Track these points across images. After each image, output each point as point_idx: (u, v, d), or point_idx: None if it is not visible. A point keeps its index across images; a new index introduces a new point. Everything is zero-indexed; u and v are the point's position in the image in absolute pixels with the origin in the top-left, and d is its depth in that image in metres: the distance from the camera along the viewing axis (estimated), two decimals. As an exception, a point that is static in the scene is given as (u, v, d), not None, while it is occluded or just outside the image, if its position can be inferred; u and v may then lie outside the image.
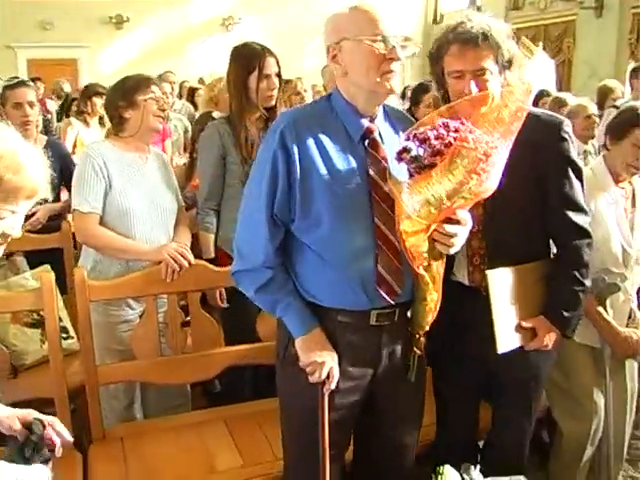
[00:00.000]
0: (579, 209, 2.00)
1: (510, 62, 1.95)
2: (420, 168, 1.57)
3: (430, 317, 1.77)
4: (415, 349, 1.81)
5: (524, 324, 1.97)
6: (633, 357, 2.44)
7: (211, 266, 2.38)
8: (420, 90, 4.27)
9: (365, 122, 1.74)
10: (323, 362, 1.68)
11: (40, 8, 11.96)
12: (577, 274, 1.98)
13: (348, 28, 1.69)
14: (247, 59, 2.73)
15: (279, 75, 2.77)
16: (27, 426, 1.46)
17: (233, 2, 13.41)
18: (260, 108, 2.73)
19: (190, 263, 2.34)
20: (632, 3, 9.93)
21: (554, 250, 2.09)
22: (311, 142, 1.70)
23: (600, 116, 5.03)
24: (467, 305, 1.99)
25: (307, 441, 1.75)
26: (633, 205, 2.47)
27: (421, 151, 1.56)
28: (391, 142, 1.77)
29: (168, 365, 2.35)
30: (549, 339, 1.97)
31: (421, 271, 1.66)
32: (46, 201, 2.47)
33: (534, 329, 1.98)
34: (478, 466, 1.67)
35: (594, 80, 10.31)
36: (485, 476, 1.65)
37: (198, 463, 2.16)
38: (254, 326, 2.45)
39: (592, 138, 4.57)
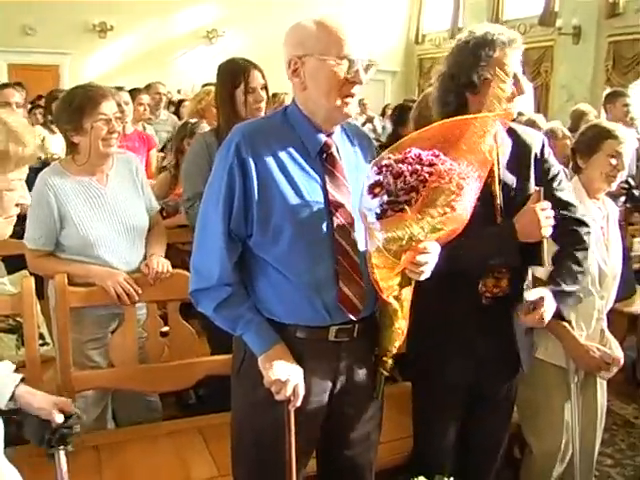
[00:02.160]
0: (574, 207, 2.10)
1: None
2: (394, 204, 1.56)
3: (397, 342, 1.76)
4: (381, 370, 1.79)
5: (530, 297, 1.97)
6: (596, 372, 2.48)
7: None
8: (405, 109, 4.29)
9: (322, 137, 1.72)
10: (287, 380, 1.63)
11: (23, 12, 11.82)
12: (577, 254, 2.06)
13: (313, 45, 1.64)
14: (233, 74, 2.78)
15: (266, 88, 2.81)
16: (65, 415, 1.55)
17: (218, 15, 13.41)
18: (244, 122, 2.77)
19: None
20: (608, 31, 10.15)
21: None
22: (268, 156, 1.67)
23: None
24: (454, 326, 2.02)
25: (258, 460, 1.75)
26: (607, 224, 2.56)
27: (395, 186, 1.55)
28: (347, 158, 1.77)
29: (146, 373, 2.35)
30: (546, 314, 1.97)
31: (390, 300, 1.67)
32: None
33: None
34: (452, 478, 1.69)
35: (571, 104, 10.48)
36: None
37: (173, 473, 2.16)
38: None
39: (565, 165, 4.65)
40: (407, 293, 1.69)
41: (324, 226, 1.68)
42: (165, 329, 2.50)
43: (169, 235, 2.77)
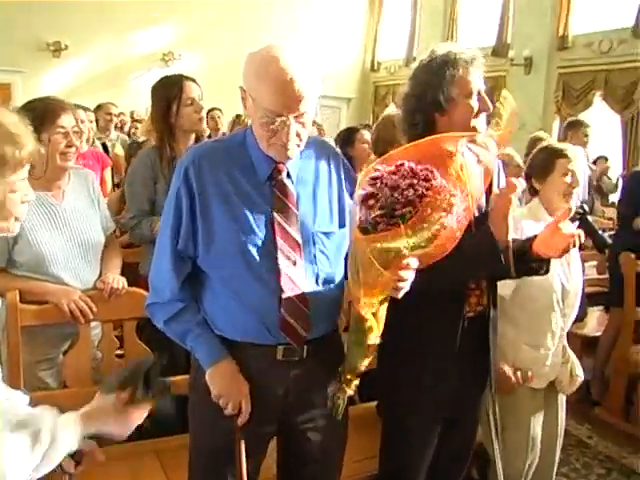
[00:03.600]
0: None
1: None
2: (387, 217, 1.53)
3: (367, 360, 1.72)
4: (345, 389, 1.75)
5: None
6: (507, 393, 2.44)
7: (147, 294, 2.34)
8: (349, 132, 4.41)
9: (273, 163, 1.71)
10: (231, 395, 1.68)
11: (-30, 27, 11.66)
12: None
13: (253, 88, 1.63)
14: (165, 89, 2.81)
15: (202, 100, 2.85)
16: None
17: (174, 38, 13.40)
18: (187, 136, 2.78)
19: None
20: (558, 63, 10.49)
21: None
22: (214, 183, 1.69)
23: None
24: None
25: (212, 471, 1.77)
26: None
27: (390, 199, 1.52)
28: (306, 179, 1.76)
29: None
30: None
31: (368, 316, 1.63)
32: None
33: None
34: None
35: (522, 132, 10.74)
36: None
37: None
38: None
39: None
40: (383, 310, 1.67)
41: (267, 255, 1.68)
42: (120, 352, 2.43)
43: (123, 253, 2.71)
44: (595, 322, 4.41)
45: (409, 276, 1.58)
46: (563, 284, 2.49)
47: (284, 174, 1.72)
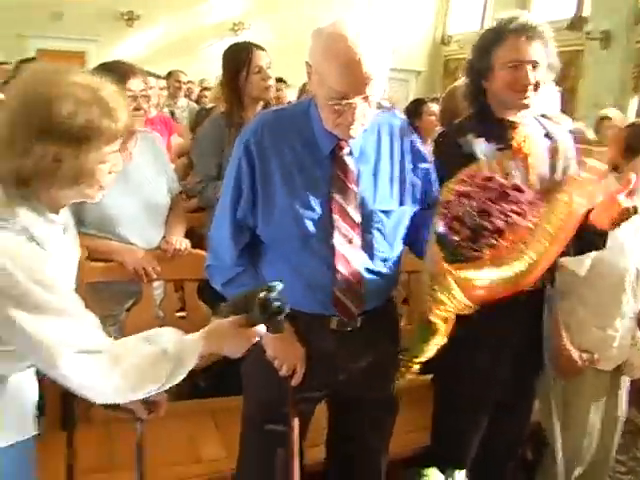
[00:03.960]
0: None
1: (552, 66, 2.01)
2: (470, 241, 1.47)
3: (429, 354, 1.71)
4: (406, 374, 1.74)
5: None
6: (573, 376, 2.39)
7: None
8: (417, 103, 4.42)
9: (336, 138, 1.68)
10: (286, 357, 1.72)
11: (52, -1, 12.01)
12: None
13: (319, 65, 1.59)
14: (235, 56, 2.83)
15: (270, 68, 2.87)
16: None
17: (244, 7, 13.48)
18: (255, 103, 2.80)
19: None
20: (637, 38, 10.04)
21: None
22: (276, 154, 1.69)
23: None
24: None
25: (262, 427, 1.79)
26: None
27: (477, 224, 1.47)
28: (369, 153, 1.73)
29: None
30: None
31: (437, 320, 1.62)
32: None
33: None
34: (464, 470, 1.67)
35: (597, 110, 10.40)
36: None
37: (183, 452, 2.17)
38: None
39: None
40: (453, 317, 1.65)
41: (323, 232, 1.68)
42: (181, 314, 2.49)
43: (187, 219, 2.76)
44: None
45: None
46: (637, 266, 2.40)
47: (346, 151, 1.70)
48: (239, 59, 2.79)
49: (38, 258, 1.26)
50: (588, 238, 1.81)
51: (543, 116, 4.05)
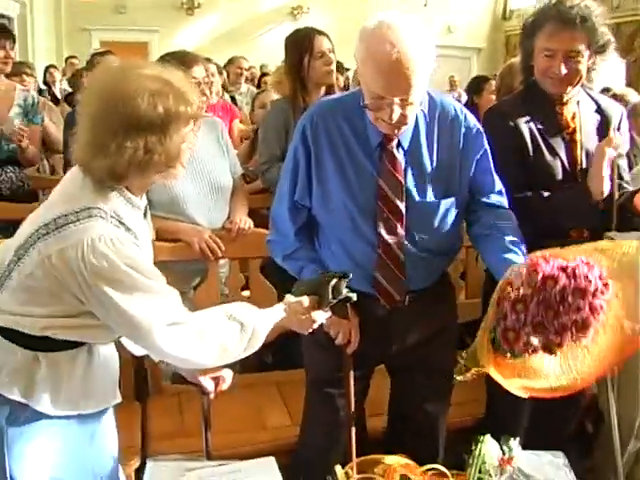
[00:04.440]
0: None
1: (603, 47, 1.99)
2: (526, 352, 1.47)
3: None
4: (463, 374, 1.72)
5: None
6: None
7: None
8: (480, 80, 4.46)
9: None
10: (341, 325, 1.80)
11: (114, -8, 12.36)
12: None
13: (360, 62, 1.64)
14: (298, 42, 2.89)
15: (333, 52, 2.92)
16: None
17: (302, -9, 13.55)
18: (318, 88, 2.87)
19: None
20: None
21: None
22: (329, 144, 1.77)
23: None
24: None
25: (323, 392, 1.93)
26: None
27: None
28: (419, 145, 1.76)
29: None
30: None
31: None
32: None
33: None
34: (518, 438, 1.71)
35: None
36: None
37: (249, 420, 2.29)
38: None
39: None
40: None
41: (369, 219, 1.76)
42: (246, 293, 2.61)
43: (249, 200, 2.87)
44: None
45: None
46: None
47: (394, 143, 1.74)
48: (301, 45, 2.86)
49: (129, 243, 1.38)
50: (630, 219, 1.84)
51: (606, 90, 4.01)
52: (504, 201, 1.88)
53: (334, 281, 1.58)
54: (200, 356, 1.46)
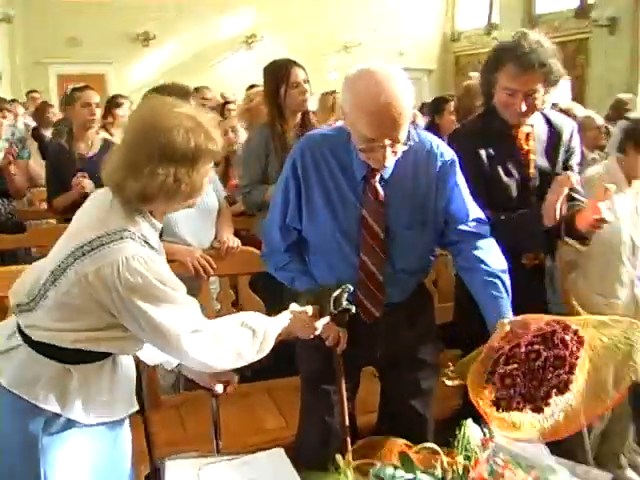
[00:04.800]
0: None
1: (557, 81, 2.18)
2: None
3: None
4: (449, 379, 1.98)
5: None
6: None
7: (257, 251, 2.65)
8: (439, 101, 4.65)
9: (370, 165, 1.90)
10: (331, 327, 1.95)
11: (69, 25, 12.27)
12: None
13: (350, 111, 1.81)
14: (275, 72, 3.11)
15: (307, 83, 3.13)
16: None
17: (256, 20, 13.72)
18: (295, 115, 3.07)
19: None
20: (644, 22, 10.21)
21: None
22: (318, 178, 1.95)
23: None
24: None
25: (318, 389, 2.10)
26: None
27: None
28: (399, 178, 1.95)
29: None
30: None
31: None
32: None
33: None
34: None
35: (609, 95, 10.54)
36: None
37: (248, 424, 2.44)
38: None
39: (601, 149, 4.67)
40: None
41: (353, 244, 1.97)
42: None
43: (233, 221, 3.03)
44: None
45: None
46: (633, 239, 2.66)
47: (377, 178, 1.93)
48: (278, 75, 3.07)
49: (157, 260, 1.55)
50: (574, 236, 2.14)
51: (553, 105, 4.30)
52: (482, 228, 2.07)
53: (336, 293, 1.79)
54: (218, 360, 1.63)
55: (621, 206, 2.63)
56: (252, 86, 5.07)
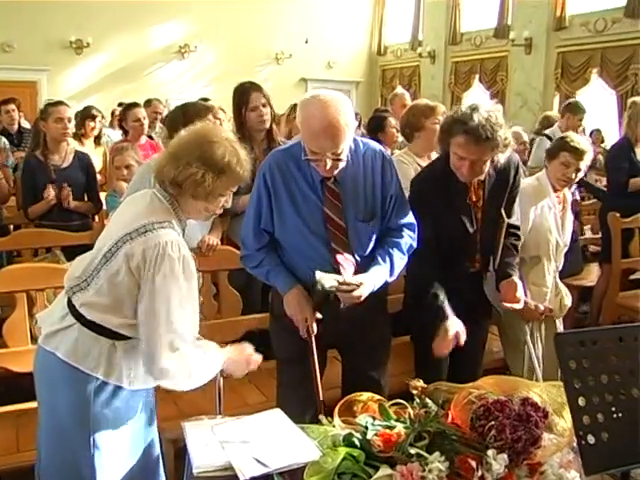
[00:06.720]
0: (517, 228, 2.92)
1: (506, 147, 2.44)
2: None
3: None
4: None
5: None
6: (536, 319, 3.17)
7: (236, 251, 3.01)
8: (379, 119, 4.96)
9: None
10: (301, 313, 2.32)
11: (0, 30, 12.20)
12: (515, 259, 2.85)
13: (300, 128, 2.21)
14: (237, 96, 3.49)
15: (269, 104, 3.47)
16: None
17: (190, 31, 13.91)
18: (259, 132, 3.46)
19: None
20: (556, 42, 11.05)
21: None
22: (284, 185, 2.31)
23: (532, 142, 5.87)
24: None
25: (293, 368, 2.44)
26: (564, 208, 3.34)
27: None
28: (351, 178, 2.31)
29: (202, 329, 2.91)
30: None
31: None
32: None
33: None
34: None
35: (524, 110, 11.39)
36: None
37: (232, 400, 2.76)
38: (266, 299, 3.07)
39: (524, 163, 5.08)
40: None
41: (321, 235, 2.33)
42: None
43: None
44: (591, 275, 5.09)
45: None
46: (557, 239, 3.24)
47: (331, 180, 2.30)
48: (241, 99, 3.43)
49: (186, 248, 1.91)
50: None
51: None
52: (410, 234, 2.45)
53: (318, 275, 2.16)
54: (176, 374, 1.92)
55: (549, 212, 3.20)
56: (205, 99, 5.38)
